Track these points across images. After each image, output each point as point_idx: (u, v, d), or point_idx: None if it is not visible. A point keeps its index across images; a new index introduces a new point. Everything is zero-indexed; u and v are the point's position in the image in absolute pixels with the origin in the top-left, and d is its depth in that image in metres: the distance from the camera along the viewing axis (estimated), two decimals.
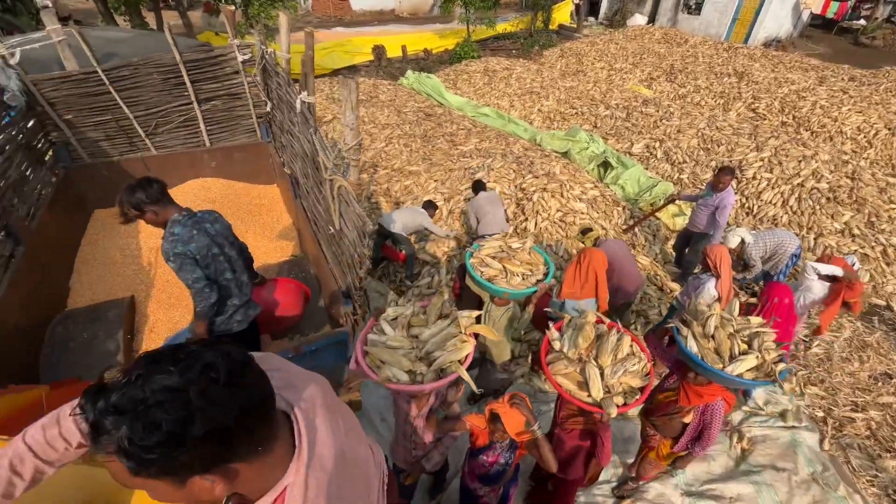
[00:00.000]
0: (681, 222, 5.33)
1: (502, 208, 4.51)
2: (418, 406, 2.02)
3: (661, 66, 9.90)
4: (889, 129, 6.69)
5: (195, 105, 4.54)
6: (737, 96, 8.30)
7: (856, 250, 4.82)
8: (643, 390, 2.06)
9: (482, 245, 2.94)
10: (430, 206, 4.89)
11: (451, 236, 5.02)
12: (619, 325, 2.28)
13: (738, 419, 3.37)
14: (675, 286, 4.59)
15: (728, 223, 5.18)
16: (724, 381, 2.03)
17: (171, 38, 4.10)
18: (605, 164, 6.17)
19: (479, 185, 4.71)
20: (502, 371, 3.18)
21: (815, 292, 3.32)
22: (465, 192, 5.51)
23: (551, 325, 2.30)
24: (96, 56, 4.02)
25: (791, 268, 4.07)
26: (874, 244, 4.84)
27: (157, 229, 2.25)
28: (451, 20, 15.90)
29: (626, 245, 3.96)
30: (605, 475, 2.95)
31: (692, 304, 2.27)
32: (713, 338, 2.12)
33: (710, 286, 3.10)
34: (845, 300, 3.27)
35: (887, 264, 4.76)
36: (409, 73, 10.32)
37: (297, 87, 3.35)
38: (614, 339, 2.16)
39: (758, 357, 2.02)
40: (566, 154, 6.63)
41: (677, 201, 4.99)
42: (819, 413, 3.44)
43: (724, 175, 3.99)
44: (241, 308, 2.47)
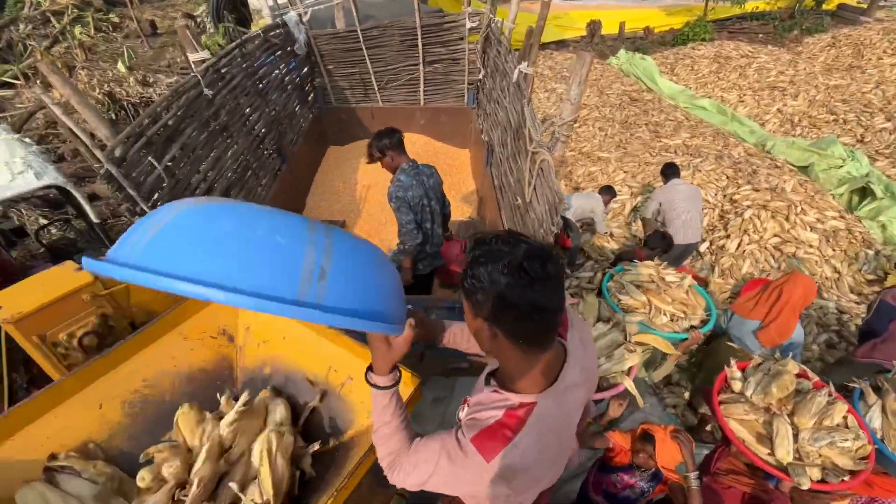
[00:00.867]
0: None
1: (701, 211, 3.89)
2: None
3: None
4: None
5: (420, 66, 5.09)
6: None
7: None
8: (854, 475, 1.65)
9: (628, 269, 2.53)
10: (608, 191, 4.48)
11: (605, 233, 4.58)
12: (832, 388, 1.85)
13: None
14: None
15: None
16: None
17: (417, 3, 4.62)
18: (864, 192, 4.77)
19: (671, 170, 3.89)
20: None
21: None
22: (647, 196, 4.98)
23: (733, 362, 2.01)
24: (359, 17, 4.81)
25: None
26: None
27: (375, 174, 2.69)
28: None
29: None
30: None
31: None
32: None
33: None
34: None
35: None
36: (621, 52, 9.53)
37: (516, 56, 3.45)
38: (822, 402, 1.77)
39: None
40: (806, 169, 5.34)
41: None
42: None
43: None
44: (429, 256, 2.82)
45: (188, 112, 3.00)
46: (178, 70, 8.01)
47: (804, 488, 1.61)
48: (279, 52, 4.53)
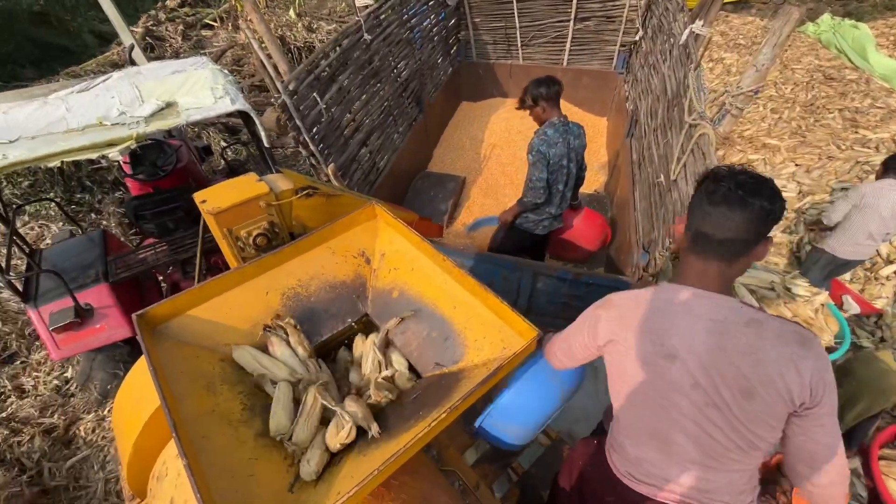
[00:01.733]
0: None
1: None
2: None
3: None
4: None
5: (570, 23, 4.76)
6: None
7: None
8: None
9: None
10: None
11: None
12: None
13: None
14: None
15: None
16: None
17: None
18: None
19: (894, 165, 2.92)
20: None
21: None
22: (839, 195, 4.09)
23: None
24: None
25: None
26: None
27: (502, 134, 2.67)
28: None
29: None
30: None
31: None
32: None
33: None
34: None
35: None
36: (824, 17, 7.69)
37: (688, 15, 3.01)
38: None
39: None
40: None
41: None
42: None
43: None
44: (551, 218, 2.75)
45: (348, 55, 3.26)
46: (336, 18, 8.68)
47: None
48: (431, 2, 4.61)
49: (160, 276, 3.36)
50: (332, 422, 1.17)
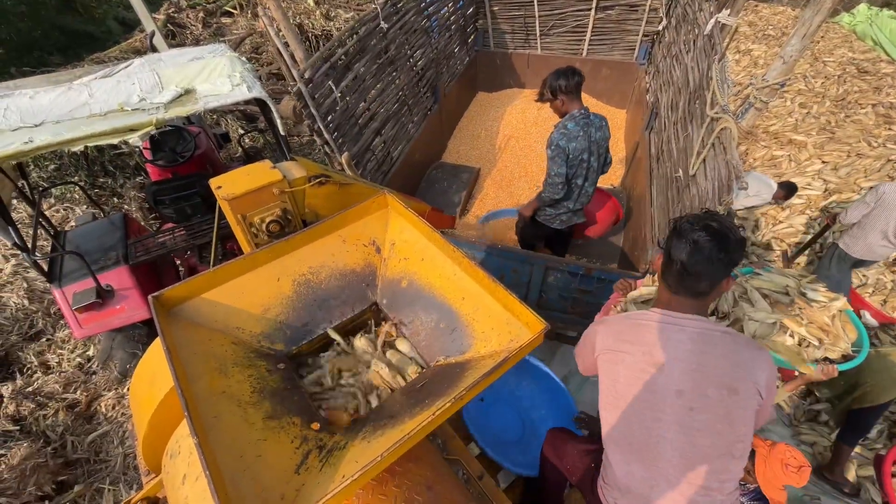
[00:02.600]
0: None
1: None
2: None
3: None
4: None
5: (592, 12, 4.65)
6: None
7: None
8: None
9: (758, 273, 1.92)
10: (787, 188, 3.73)
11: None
12: None
13: None
14: None
15: None
16: None
17: None
18: None
19: None
20: None
21: None
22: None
23: None
24: None
25: None
26: None
27: (517, 125, 2.63)
28: None
29: None
30: None
31: None
32: None
33: None
34: None
35: None
36: (860, 7, 7.37)
37: (714, 5, 2.91)
38: None
39: None
40: None
41: None
42: None
43: None
44: (569, 213, 2.72)
45: (364, 43, 3.25)
46: (354, 6, 8.64)
47: None
48: None
49: (178, 260, 3.44)
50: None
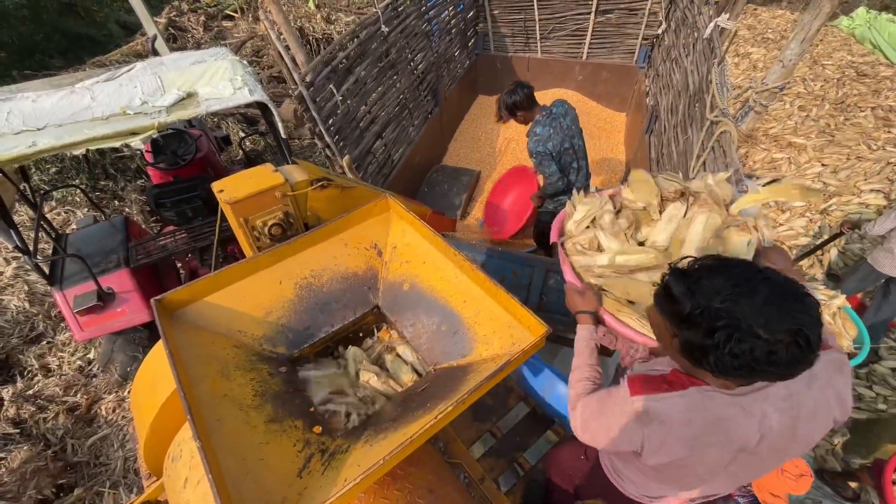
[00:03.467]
0: None
1: None
2: None
3: None
4: None
5: (591, 15, 4.67)
6: None
7: None
8: None
9: None
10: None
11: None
12: None
13: None
14: None
15: None
16: None
17: None
18: None
19: None
20: None
21: None
22: (867, 196, 3.95)
23: None
24: None
25: None
26: None
27: (517, 128, 2.71)
28: None
29: None
30: None
31: None
32: None
33: None
34: None
35: None
36: (859, 10, 7.38)
37: (714, 8, 2.92)
38: None
39: None
40: None
41: None
42: None
43: None
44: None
45: (365, 47, 3.26)
46: (354, 10, 8.67)
47: None
48: None
49: (179, 263, 3.44)
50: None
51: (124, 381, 3.08)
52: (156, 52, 4.26)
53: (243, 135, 5.21)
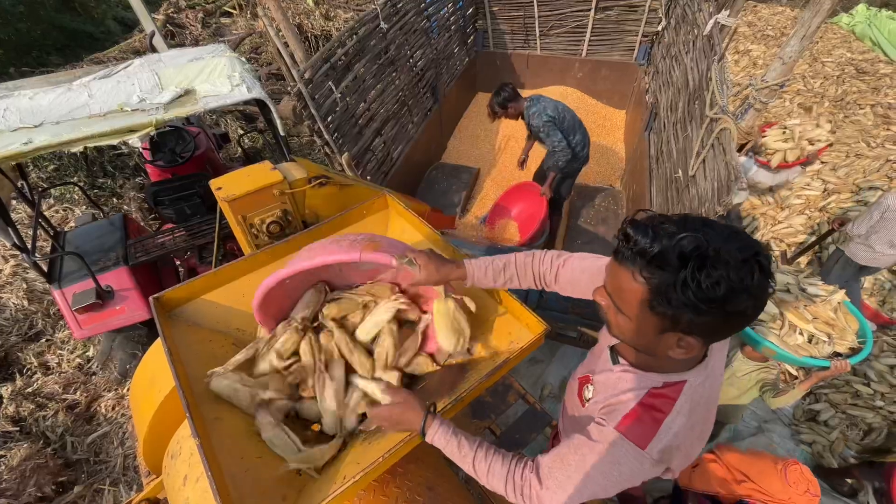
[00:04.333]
0: None
1: None
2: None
3: None
4: None
5: (591, 12, 4.65)
6: None
7: None
8: None
9: None
10: None
11: None
12: None
13: None
14: None
15: None
16: None
17: None
18: None
19: None
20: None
21: None
22: (867, 194, 3.95)
23: None
24: None
25: None
26: None
27: (516, 126, 2.94)
28: None
29: None
30: None
31: None
32: None
33: None
34: None
35: None
36: (859, 7, 7.37)
37: (714, 5, 2.91)
38: None
39: None
40: None
41: None
42: None
43: None
44: (584, 160, 3.40)
45: (364, 44, 3.25)
46: (354, 6, 8.63)
47: None
48: None
49: (178, 261, 3.44)
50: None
51: (123, 379, 3.08)
52: (154, 49, 4.24)
53: (242, 132, 5.19)
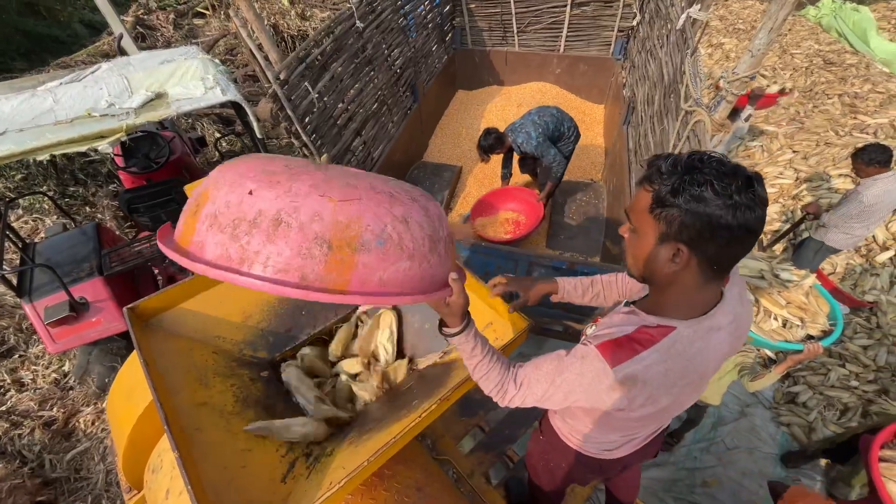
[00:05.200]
0: None
1: None
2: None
3: None
4: None
5: (567, 8, 4.69)
6: None
7: None
8: None
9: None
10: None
11: None
12: None
13: None
14: None
15: None
16: None
17: None
18: None
19: (881, 156, 2.77)
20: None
21: None
22: (836, 181, 4.08)
23: None
24: None
25: None
26: None
27: (497, 122, 3.09)
28: None
29: None
30: None
31: None
32: None
33: None
34: None
35: None
36: (825, 0, 7.61)
37: (685, 0, 2.97)
38: None
39: None
40: None
41: None
42: None
43: None
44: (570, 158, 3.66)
45: (340, 43, 3.21)
46: (330, 5, 8.54)
47: None
48: None
49: (156, 270, 3.35)
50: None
51: (102, 393, 2.99)
52: (123, 52, 4.12)
53: (219, 135, 5.09)
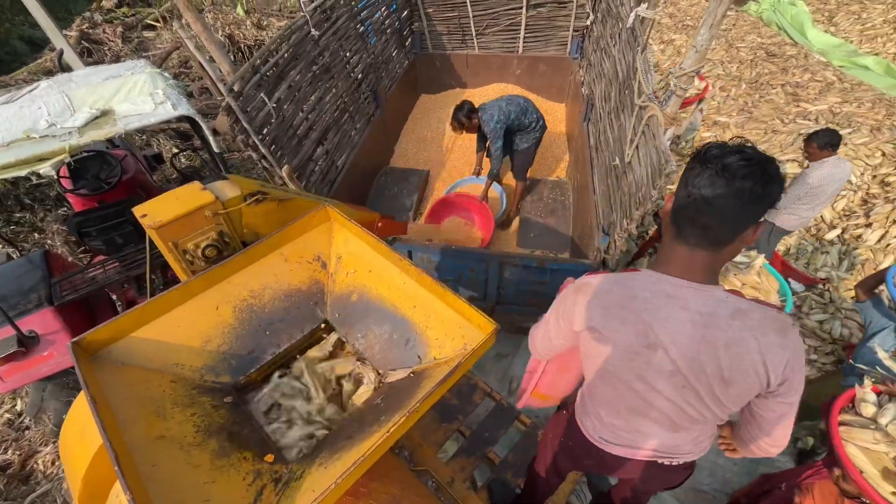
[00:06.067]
0: None
1: None
2: None
3: None
4: None
5: (523, 10, 4.76)
6: None
7: None
8: None
9: None
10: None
11: None
12: None
13: None
14: None
15: None
16: None
17: None
18: None
19: (833, 139, 2.99)
20: None
21: None
22: (785, 166, 4.29)
23: (867, 382, 1.77)
24: None
25: None
26: None
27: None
28: None
29: None
30: None
31: None
32: None
33: None
34: None
35: None
36: None
37: None
38: None
39: None
40: None
41: None
42: None
43: None
44: (537, 141, 3.83)
45: (296, 52, 3.14)
46: (287, 14, 8.39)
47: None
48: None
49: (114, 295, 3.19)
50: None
51: (60, 431, 2.82)
52: (66, 69, 3.92)
53: (176, 151, 4.91)
